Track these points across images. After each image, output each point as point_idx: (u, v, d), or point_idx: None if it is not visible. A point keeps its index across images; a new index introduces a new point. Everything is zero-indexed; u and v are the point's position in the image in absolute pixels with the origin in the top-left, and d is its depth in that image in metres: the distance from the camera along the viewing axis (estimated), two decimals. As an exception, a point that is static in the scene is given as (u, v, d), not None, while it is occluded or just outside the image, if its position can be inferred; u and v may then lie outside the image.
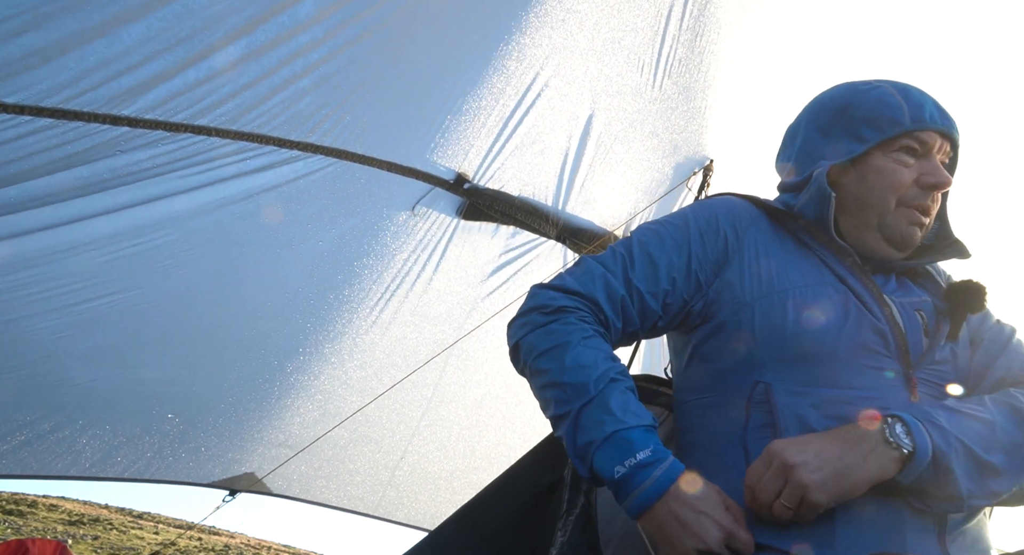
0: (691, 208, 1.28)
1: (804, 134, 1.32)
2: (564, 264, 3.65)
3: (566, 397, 1.04)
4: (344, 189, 2.91)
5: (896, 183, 1.18)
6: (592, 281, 1.17)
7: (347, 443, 4.03)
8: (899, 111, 1.19)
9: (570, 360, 1.06)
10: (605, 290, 1.16)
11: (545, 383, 1.09)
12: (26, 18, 1.71)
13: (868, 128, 1.20)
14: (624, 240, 1.24)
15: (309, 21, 2.12)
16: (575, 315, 1.14)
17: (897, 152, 1.19)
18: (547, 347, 1.10)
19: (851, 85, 1.29)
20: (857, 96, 1.25)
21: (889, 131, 1.18)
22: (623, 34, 2.84)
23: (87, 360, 3.03)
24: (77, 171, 2.18)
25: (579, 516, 1.07)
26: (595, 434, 1.00)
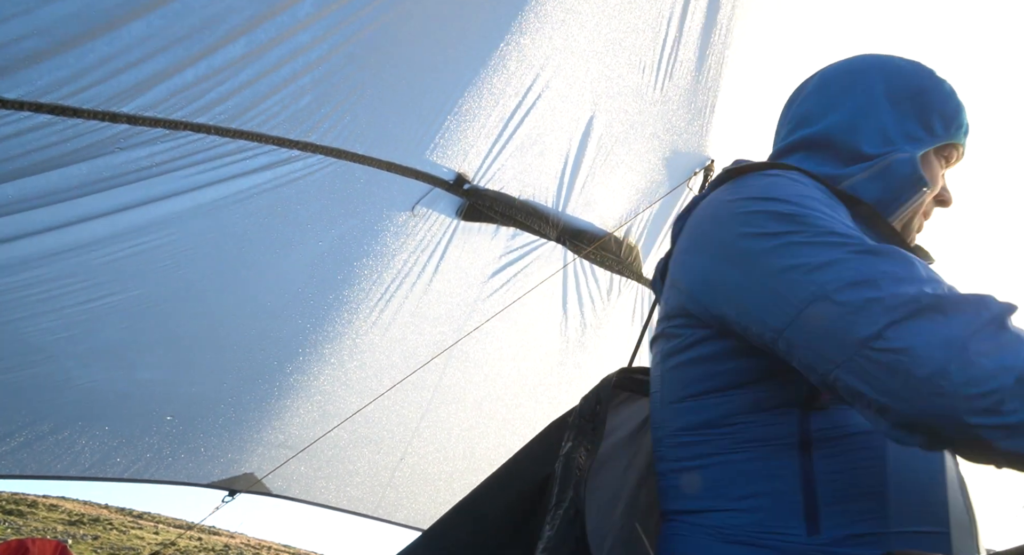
0: (804, 189, 0.98)
1: (870, 96, 1.16)
2: (564, 265, 3.65)
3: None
4: (344, 189, 2.91)
5: (935, 183, 1.14)
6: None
7: (347, 444, 4.03)
8: (963, 116, 1.15)
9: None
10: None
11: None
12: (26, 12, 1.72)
13: (941, 123, 1.14)
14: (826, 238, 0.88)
15: (309, 19, 2.12)
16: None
17: (942, 155, 1.16)
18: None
19: (926, 69, 1.18)
20: (934, 83, 1.17)
21: (955, 136, 1.15)
22: (624, 35, 2.85)
23: (86, 361, 3.03)
24: (76, 168, 2.17)
25: (567, 509, 1.06)
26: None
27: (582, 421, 1.22)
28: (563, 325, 3.89)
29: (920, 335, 0.76)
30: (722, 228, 1.00)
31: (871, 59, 1.20)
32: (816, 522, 0.90)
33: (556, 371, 4.06)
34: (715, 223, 1.02)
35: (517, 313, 3.69)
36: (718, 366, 1.02)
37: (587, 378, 4.06)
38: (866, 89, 1.16)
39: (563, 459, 1.14)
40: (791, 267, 0.87)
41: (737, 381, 1.00)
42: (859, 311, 0.79)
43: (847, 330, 0.80)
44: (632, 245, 3.69)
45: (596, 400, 1.26)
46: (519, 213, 3.32)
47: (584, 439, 1.19)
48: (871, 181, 1.10)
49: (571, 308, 3.83)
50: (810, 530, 0.90)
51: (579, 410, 1.27)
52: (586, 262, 3.67)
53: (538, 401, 4.13)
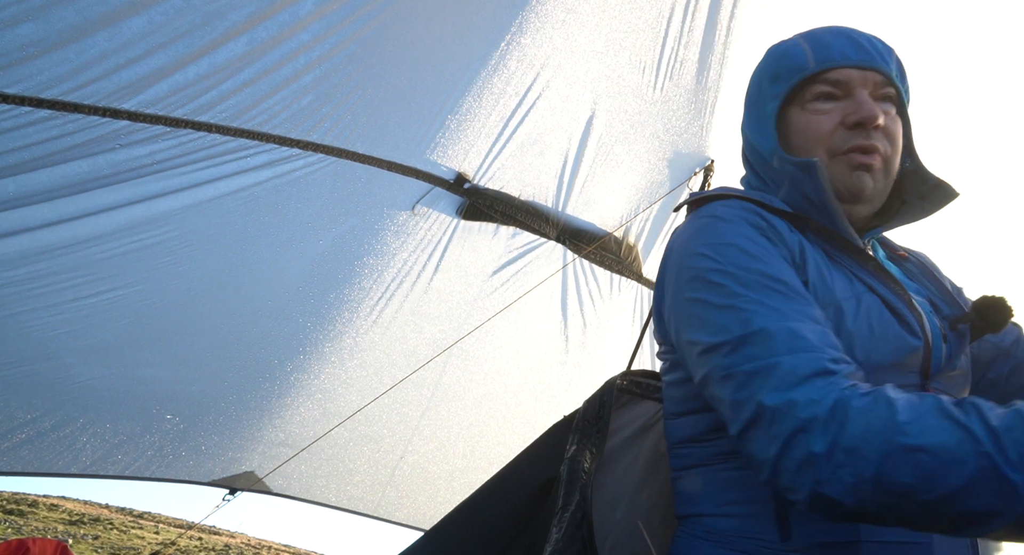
0: (728, 231, 1.02)
1: (743, 122, 1.22)
2: (564, 265, 3.65)
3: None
4: (344, 188, 2.92)
5: (817, 133, 1.07)
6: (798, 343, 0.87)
7: (347, 442, 4.03)
8: (800, 57, 1.09)
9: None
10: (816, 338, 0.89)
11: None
12: (26, 8, 1.72)
13: (773, 84, 1.11)
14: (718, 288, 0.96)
15: (310, 18, 2.13)
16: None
17: (812, 102, 1.08)
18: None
19: (768, 48, 1.20)
20: (766, 57, 1.17)
21: (791, 79, 1.09)
22: (624, 35, 2.85)
23: (87, 358, 3.04)
24: (77, 165, 2.18)
25: (574, 512, 1.07)
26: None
27: (586, 424, 1.23)
28: (563, 325, 3.89)
29: (753, 442, 0.86)
30: (669, 271, 1.09)
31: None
32: (787, 529, 0.94)
33: (556, 370, 4.06)
34: (668, 264, 1.11)
35: (517, 312, 3.70)
36: (694, 390, 1.05)
37: (587, 377, 4.06)
38: (743, 115, 1.23)
39: (568, 462, 1.15)
40: (692, 342, 0.98)
41: (708, 404, 1.03)
42: (732, 408, 0.89)
43: (727, 420, 0.91)
44: (632, 245, 3.69)
45: (600, 403, 1.27)
46: (519, 212, 3.32)
47: (588, 442, 1.19)
48: (791, 193, 1.11)
49: (571, 308, 3.83)
50: (782, 536, 0.94)
51: (583, 413, 1.27)
52: (586, 262, 3.67)
53: (538, 400, 4.13)
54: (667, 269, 1.10)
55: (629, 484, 1.31)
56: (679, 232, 1.12)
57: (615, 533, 1.23)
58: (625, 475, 1.32)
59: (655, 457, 1.35)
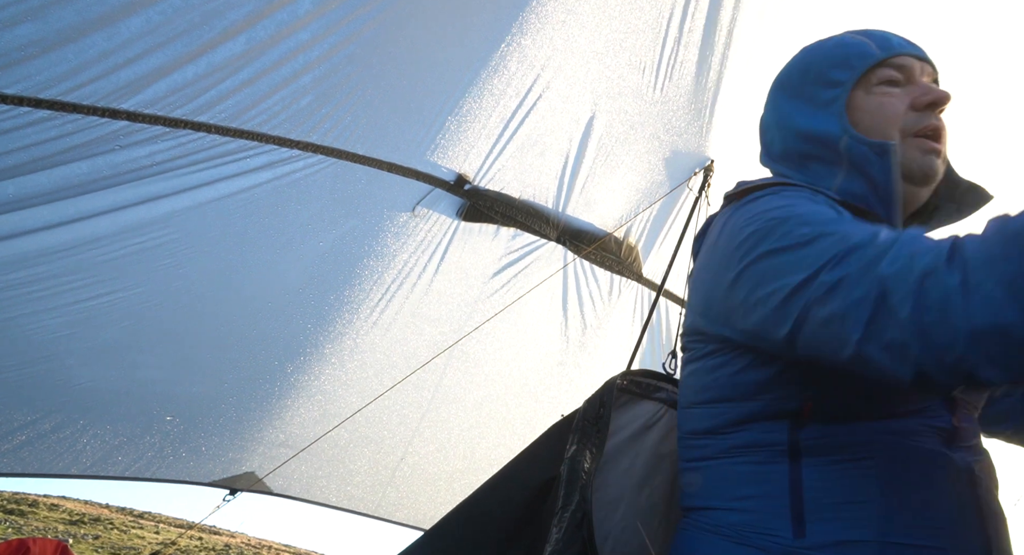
0: (790, 200, 1.02)
1: (776, 113, 1.24)
2: (564, 265, 3.65)
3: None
4: (344, 189, 2.92)
5: (891, 114, 1.09)
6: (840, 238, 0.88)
7: (347, 443, 4.04)
8: (864, 46, 1.13)
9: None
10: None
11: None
12: (25, 8, 1.72)
13: (838, 70, 1.13)
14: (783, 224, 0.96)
15: (309, 17, 2.12)
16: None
17: (878, 86, 1.11)
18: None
19: (805, 47, 1.22)
20: (815, 50, 1.19)
21: (861, 65, 1.12)
22: (624, 36, 2.85)
23: (88, 359, 3.04)
24: (76, 166, 2.18)
25: (574, 512, 1.07)
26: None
27: (586, 424, 1.23)
28: (563, 325, 3.89)
29: (886, 324, 0.80)
30: (723, 252, 1.05)
31: (773, 81, 1.28)
32: (802, 526, 0.94)
33: (556, 371, 4.06)
34: (719, 247, 1.07)
35: (517, 313, 3.70)
36: (720, 380, 1.07)
37: (587, 378, 4.06)
38: (773, 116, 1.25)
39: (568, 462, 1.15)
40: (771, 292, 0.92)
41: (736, 394, 1.05)
42: (854, 306, 0.83)
43: (847, 332, 0.83)
44: (632, 245, 3.69)
45: (600, 403, 1.27)
46: (519, 213, 3.32)
47: (588, 442, 1.19)
48: (850, 177, 1.11)
49: (571, 308, 3.83)
50: (796, 533, 0.94)
51: (583, 413, 1.27)
52: (586, 262, 3.67)
53: (538, 401, 4.13)
54: (715, 246, 1.08)
55: (629, 484, 1.31)
56: (728, 221, 1.09)
57: (615, 533, 1.23)
58: (625, 475, 1.32)
59: (655, 457, 1.35)
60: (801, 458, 0.97)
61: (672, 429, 1.40)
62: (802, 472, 0.97)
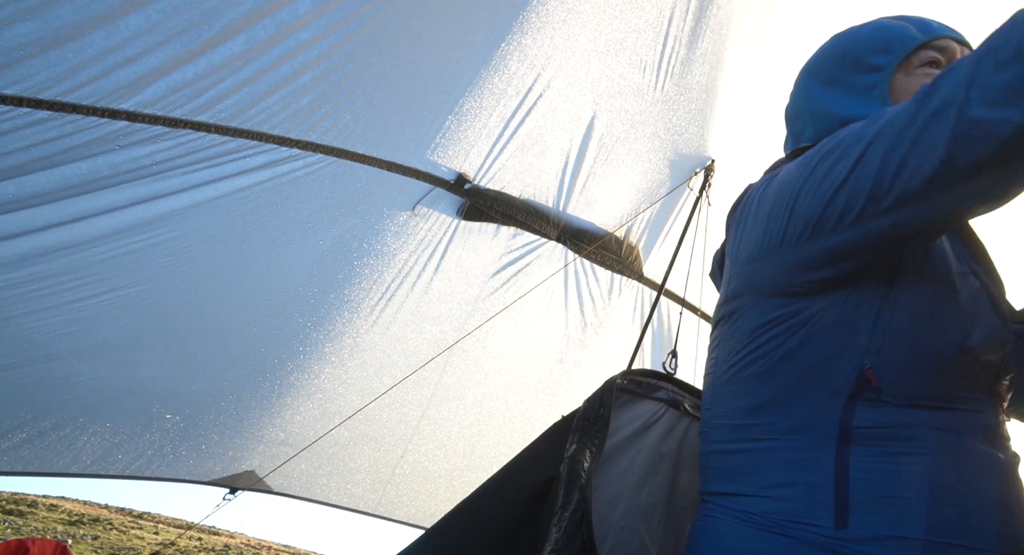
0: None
1: (809, 100, 1.21)
2: (564, 265, 3.65)
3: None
4: (344, 188, 2.92)
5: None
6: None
7: (347, 442, 4.04)
8: (904, 30, 1.12)
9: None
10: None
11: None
12: (23, 7, 1.71)
13: (879, 55, 1.12)
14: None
15: (309, 16, 2.12)
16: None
17: (920, 68, 1.10)
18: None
19: (838, 34, 1.21)
20: (852, 36, 1.18)
21: (903, 48, 1.10)
22: (625, 35, 2.85)
23: (87, 358, 3.04)
24: (76, 166, 2.18)
25: (573, 512, 1.06)
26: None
27: (586, 423, 1.23)
28: (564, 324, 3.89)
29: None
30: (790, 184, 1.02)
31: (795, 81, 1.27)
32: (845, 517, 0.91)
33: (556, 370, 4.06)
34: (781, 187, 1.04)
35: (517, 312, 3.69)
36: (772, 342, 1.02)
37: (587, 377, 4.06)
38: (804, 102, 1.23)
39: (568, 462, 1.15)
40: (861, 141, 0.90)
41: (788, 358, 1.00)
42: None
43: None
44: (633, 245, 3.69)
45: (600, 403, 1.27)
46: (520, 213, 3.32)
47: (588, 442, 1.19)
48: None
49: (571, 307, 3.83)
50: (838, 523, 0.90)
51: (583, 412, 1.27)
52: (587, 261, 3.67)
53: (538, 399, 4.13)
54: (775, 193, 1.05)
55: (629, 483, 1.31)
56: (781, 172, 1.07)
57: (614, 533, 1.23)
58: (625, 474, 1.32)
59: (655, 456, 1.35)
60: (850, 445, 0.94)
61: (672, 429, 1.40)
62: (850, 460, 0.93)
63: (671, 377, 1.48)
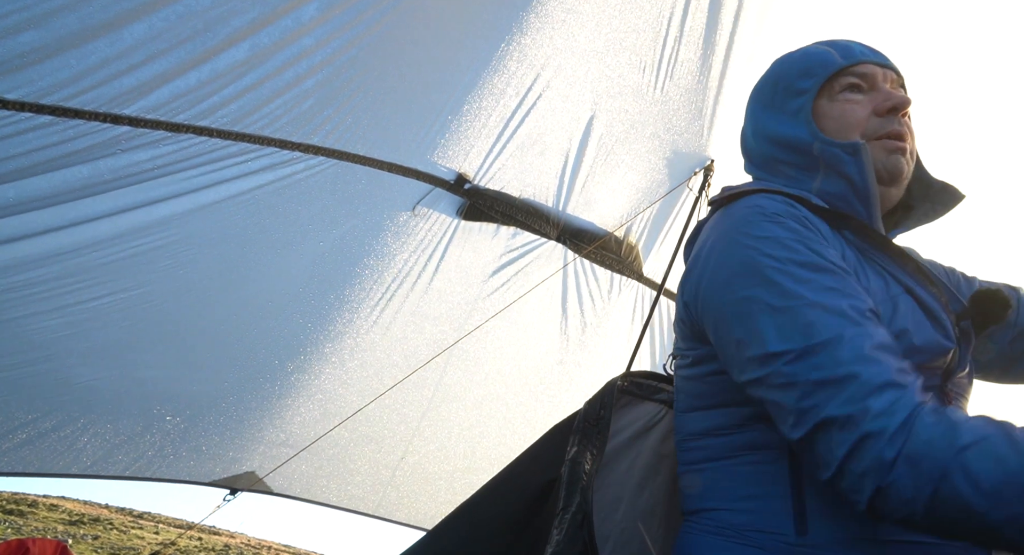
0: (774, 223, 1.02)
1: (754, 123, 1.27)
2: (564, 265, 3.65)
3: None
4: (345, 190, 2.92)
5: (854, 119, 1.13)
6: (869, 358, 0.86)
7: (348, 443, 4.04)
8: (827, 55, 1.17)
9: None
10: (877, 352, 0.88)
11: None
12: (28, 14, 1.71)
13: (803, 79, 1.17)
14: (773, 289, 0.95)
15: (313, 23, 2.12)
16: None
17: (842, 92, 1.16)
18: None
19: (776, 59, 1.27)
20: (784, 62, 1.24)
21: (823, 73, 1.16)
22: (624, 35, 2.85)
23: (88, 359, 3.04)
24: (77, 170, 2.17)
25: (575, 514, 1.06)
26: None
27: (587, 425, 1.23)
28: (563, 324, 3.89)
29: (819, 444, 0.87)
30: (708, 263, 1.07)
31: (751, 92, 1.31)
32: (804, 523, 0.95)
33: (556, 370, 4.07)
34: (707, 257, 1.08)
35: (517, 312, 3.70)
36: (718, 384, 1.08)
37: (587, 377, 4.07)
38: (749, 125, 1.29)
39: (569, 464, 1.15)
40: (741, 341, 0.96)
41: (735, 398, 1.05)
42: (796, 414, 0.88)
43: (786, 423, 0.90)
44: (632, 244, 3.70)
45: (600, 404, 1.27)
46: (519, 212, 3.32)
47: (589, 443, 1.19)
48: (828, 179, 1.14)
49: (571, 307, 3.84)
50: (799, 531, 0.95)
51: (584, 414, 1.27)
52: (586, 261, 3.68)
53: (538, 400, 4.14)
54: (704, 262, 1.08)
55: (629, 485, 1.31)
56: (716, 223, 1.12)
57: (616, 534, 1.23)
58: (626, 476, 1.32)
59: (656, 458, 1.36)
60: (801, 457, 0.97)
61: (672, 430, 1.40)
62: (803, 471, 0.97)
63: (671, 379, 1.48)
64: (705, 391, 1.12)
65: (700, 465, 1.10)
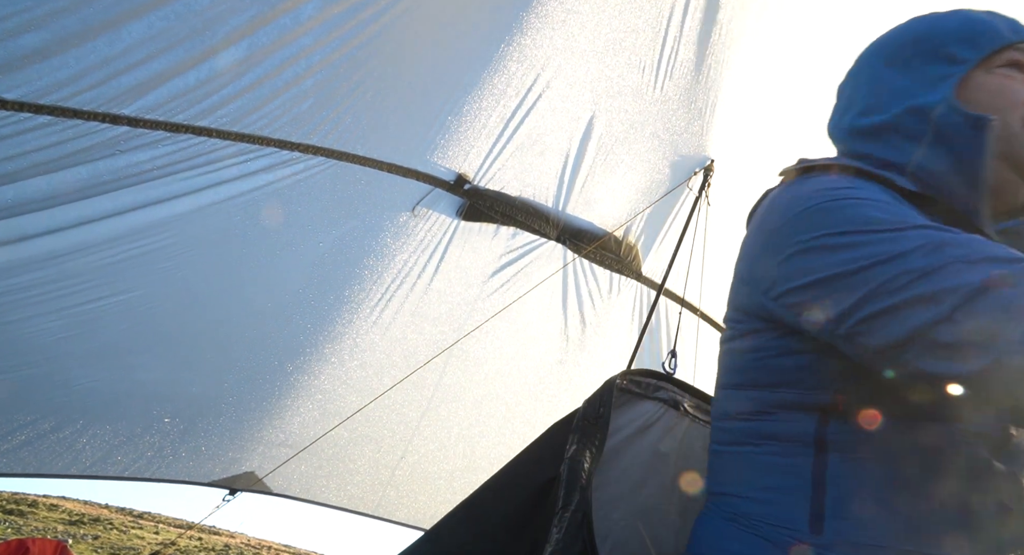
0: (874, 210, 0.94)
1: (871, 77, 1.15)
2: (564, 264, 3.65)
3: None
4: (345, 190, 2.92)
5: (1014, 96, 1.02)
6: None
7: (347, 443, 4.04)
8: (995, 26, 1.06)
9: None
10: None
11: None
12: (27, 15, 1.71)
13: (963, 47, 1.06)
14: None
15: (311, 22, 2.12)
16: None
17: (1002, 68, 1.04)
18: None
19: (919, 17, 1.15)
20: (936, 22, 1.12)
21: (989, 46, 1.04)
22: (624, 35, 2.85)
23: (87, 361, 3.03)
24: (76, 171, 2.17)
25: (574, 512, 1.06)
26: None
27: (586, 424, 1.23)
28: (563, 324, 3.90)
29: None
30: (770, 237, 1.01)
31: (858, 58, 1.20)
32: (820, 522, 0.91)
33: (556, 370, 4.07)
34: (777, 226, 1.01)
35: (517, 312, 3.70)
36: (753, 363, 1.04)
37: (587, 377, 4.06)
38: (864, 79, 1.16)
39: (568, 462, 1.15)
40: (841, 269, 0.88)
41: (767, 380, 1.01)
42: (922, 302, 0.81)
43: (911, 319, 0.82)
44: (632, 244, 3.70)
45: (600, 403, 1.27)
46: (519, 213, 3.32)
47: (589, 442, 1.19)
48: (934, 152, 1.04)
49: (571, 307, 3.84)
50: (814, 529, 0.91)
51: (583, 412, 1.27)
52: (586, 261, 3.68)
53: (538, 400, 4.14)
54: (769, 231, 1.02)
55: (628, 484, 1.31)
56: (784, 198, 1.03)
57: (615, 533, 1.23)
58: (624, 475, 1.32)
59: (655, 456, 1.36)
60: (828, 452, 0.94)
61: (671, 429, 1.40)
62: (827, 467, 0.93)
63: (671, 377, 1.48)
64: (741, 367, 1.07)
65: (724, 446, 1.07)
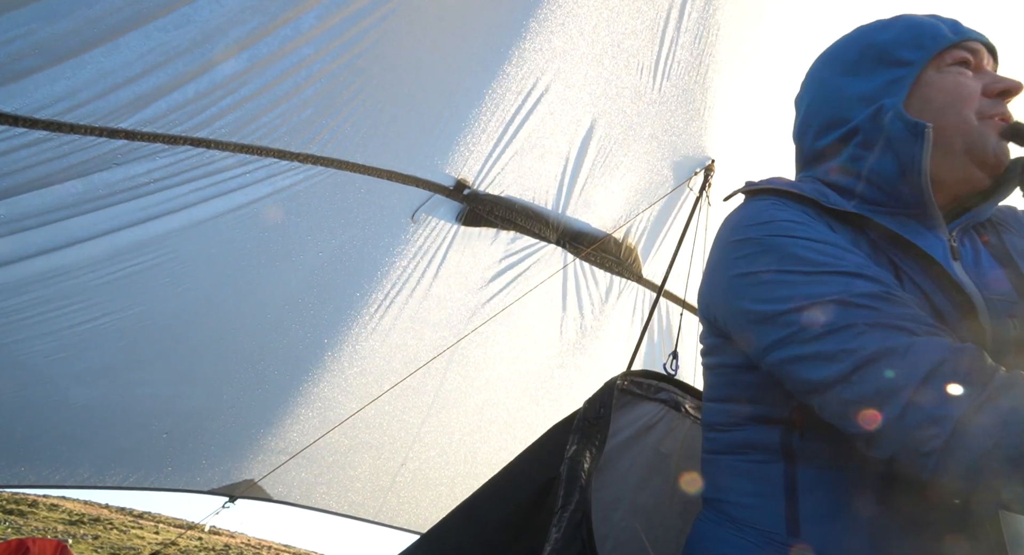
0: (790, 227, 1.00)
1: (823, 87, 1.17)
2: (563, 266, 3.65)
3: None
4: (344, 199, 2.89)
5: (967, 95, 1.05)
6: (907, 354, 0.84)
7: (347, 449, 4.02)
8: (937, 28, 1.10)
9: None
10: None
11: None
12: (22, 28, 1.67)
13: (909, 50, 1.09)
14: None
15: (312, 32, 2.09)
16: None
17: (950, 66, 1.07)
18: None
19: (863, 27, 1.17)
20: (880, 29, 1.14)
21: (934, 46, 1.07)
22: (623, 37, 2.85)
23: (84, 380, 2.98)
24: (71, 185, 2.12)
25: (573, 512, 1.07)
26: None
27: (586, 424, 1.24)
28: (563, 327, 3.89)
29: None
30: (717, 259, 1.07)
31: (809, 71, 1.24)
32: (796, 527, 0.95)
33: (556, 374, 4.06)
34: (715, 253, 1.09)
35: (517, 316, 3.69)
36: (723, 378, 1.10)
37: (587, 380, 4.06)
38: (816, 89, 1.19)
39: (568, 462, 1.15)
40: (762, 307, 0.95)
41: (734, 394, 1.07)
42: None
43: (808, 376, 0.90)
44: (632, 246, 3.70)
45: (600, 404, 1.28)
46: (519, 217, 3.32)
47: (589, 443, 1.20)
48: (884, 157, 1.06)
49: (570, 310, 3.83)
50: (791, 533, 0.95)
51: (583, 413, 1.28)
52: (586, 264, 3.67)
53: (539, 404, 4.13)
54: (712, 256, 1.09)
55: (629, 485, 1.32)
56: (724, 224, 1.10)
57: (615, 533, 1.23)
58: (625, 476, 1.33)
59: (655, 458, 1.36)
60: (796, 461, 0.98)
61: (672, 430, 1.41)
62: (797, 474, 0.97)
63: (672, 378, 1.49)
64: (714, 382, 1.13)
65: (712, 455, 1.11)
